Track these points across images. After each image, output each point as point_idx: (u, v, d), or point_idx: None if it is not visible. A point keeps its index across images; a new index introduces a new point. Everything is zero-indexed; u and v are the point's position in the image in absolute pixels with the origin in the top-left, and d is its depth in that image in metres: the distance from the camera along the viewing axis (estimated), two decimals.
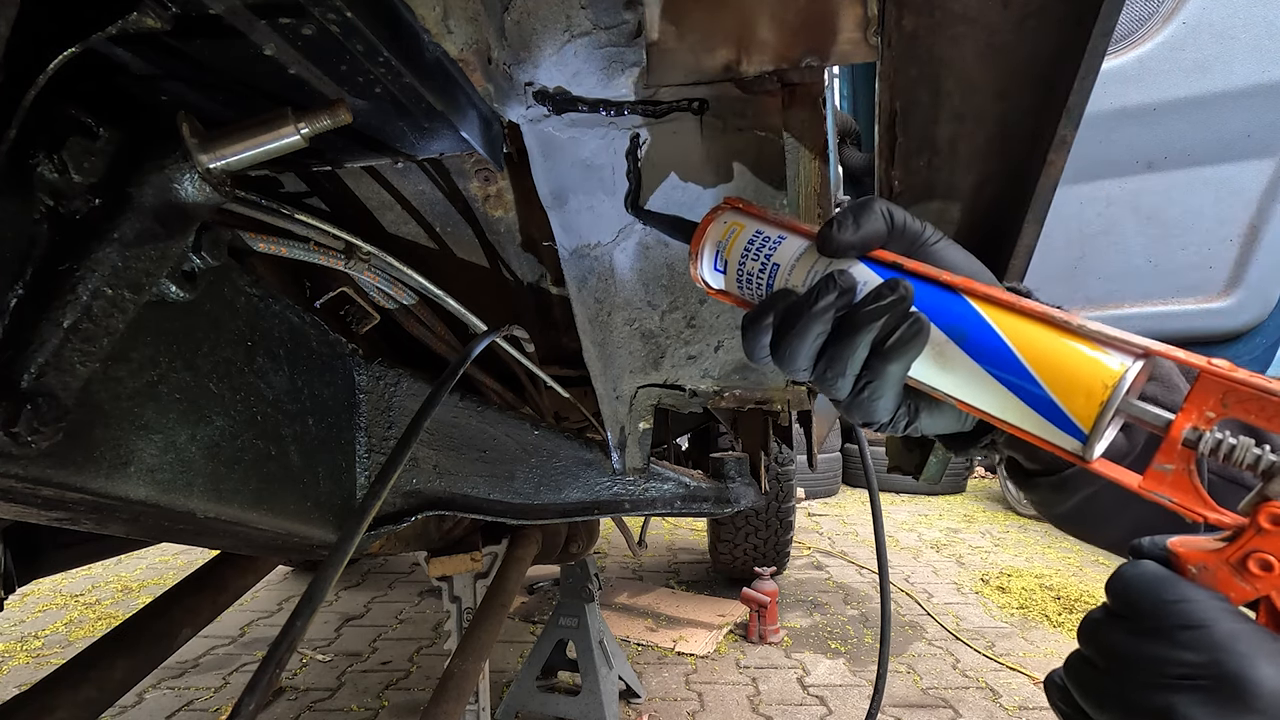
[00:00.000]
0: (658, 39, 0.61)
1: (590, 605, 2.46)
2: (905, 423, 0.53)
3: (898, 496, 6.64)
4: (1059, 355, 0.44)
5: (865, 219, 0.50)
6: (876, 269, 0.50)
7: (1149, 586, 0.39)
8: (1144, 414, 0.41)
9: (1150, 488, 0.40)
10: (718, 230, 0.58)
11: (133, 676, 0.93)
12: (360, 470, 1.06)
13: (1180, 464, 0.39)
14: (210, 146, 0.55)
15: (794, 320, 0.49)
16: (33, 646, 3.29)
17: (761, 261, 0.55)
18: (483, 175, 0.90)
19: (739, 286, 0.57)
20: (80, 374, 0.53)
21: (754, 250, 0.56)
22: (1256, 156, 1.73)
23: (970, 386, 0.47)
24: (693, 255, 0.59)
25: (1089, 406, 0.42)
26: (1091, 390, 0.42)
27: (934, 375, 0.48)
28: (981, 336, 0.46)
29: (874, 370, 0.48)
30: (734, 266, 0.57)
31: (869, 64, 0.60)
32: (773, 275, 0.55)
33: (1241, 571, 0.37)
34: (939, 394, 0.49)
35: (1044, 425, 0.44)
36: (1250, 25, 1.66)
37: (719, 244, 0.58)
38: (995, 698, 2.76)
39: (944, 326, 0.47)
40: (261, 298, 0.84)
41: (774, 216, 0.57)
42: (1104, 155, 1.78)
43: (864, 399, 0.50)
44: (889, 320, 0.47)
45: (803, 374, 0.51)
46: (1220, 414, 0.38)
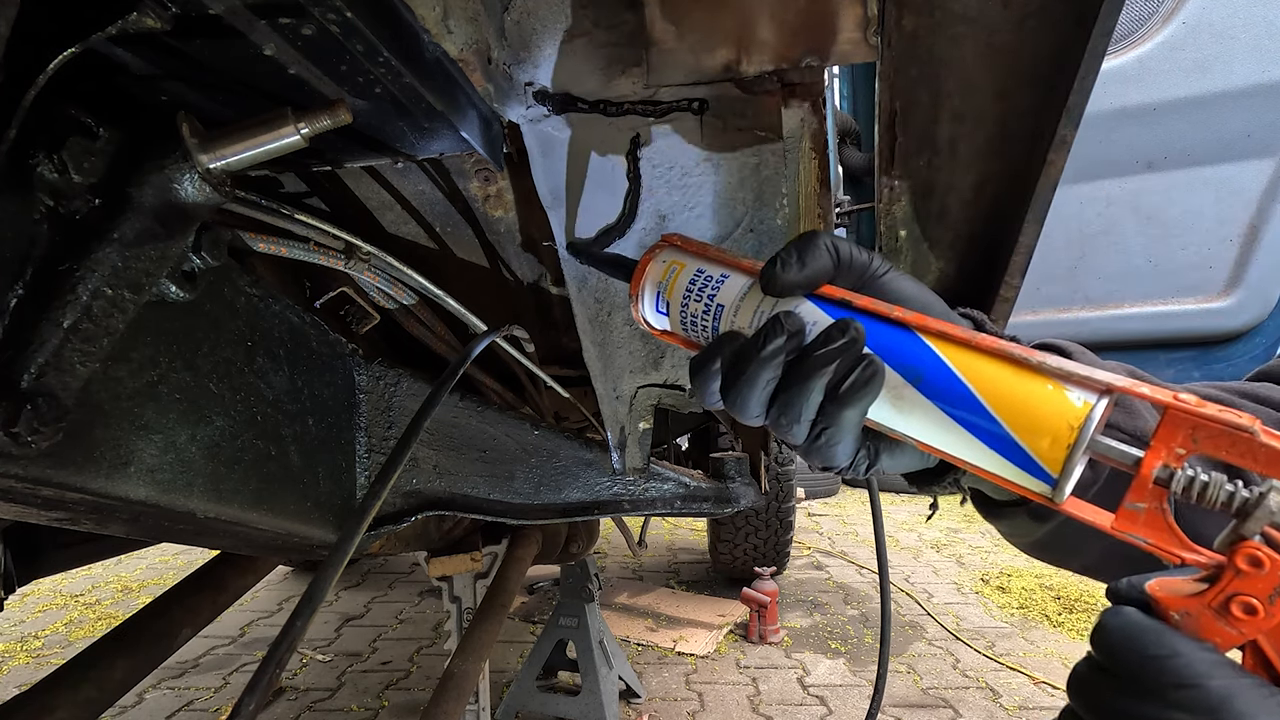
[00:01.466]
0: (658, 39, 0.61)
1: (590, 605, 2.46)
2: (866, 465, 0.52)
3: (898, 496, 6.64)
4: (1020, 395, 0.42)
5: (809, 255, 0.48)
6: (825, 307, 0.48)
7: (1134, 640, 0.37)
8: (1112, 452, 0.40)
9: (1124, 529, 0.39)
10: (657, 270, 0.55)
11: (133, 676, 0.93)
12: (360, 470, 1.06)
13: (1153, 502, 0.38)
14: (210, 146, 0.55)
15: (743, 366, 0.47)
16: (33, 646, 3.29)
17: (705, 303, 0.53)
18: (483, 175, 0.90)
19: (684, 328, 0.55)
20: (80, 374, 0.53)
21: (696, 290, 0.53)
22: (1256, 156, 1.73)
23: (930, 428, 0.45)
24: (632, 297, 0.57)
25: (1055, 450, 0.40)
26: (1057, 433, 0.40)
27: (892, 417, 0.47)
28: (938, 377, 0.44)
29: (829, 417, 0.46)
30: (676, 308, 0.54)
31: (869, 64, 0.60)
32: (717, 317, 0.52)
33: (1224, 616, 0.36)
34: (898, 435, 0.47)
35: (1010, 468, 0.43)
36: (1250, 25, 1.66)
37: (659, 284, 0.55)
38: (995, 698, 2.76)
39: (899, 368, 0.45)
40: (261, 298, 0.84)
41: (715, 253, 0.55)
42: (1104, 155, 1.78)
43: (821, 445, 0.48)
44: (841, 364, 0.45)
45: (756, 420, 0.49)
46: (1190, 449, 0.37)
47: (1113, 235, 1.84)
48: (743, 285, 0.52)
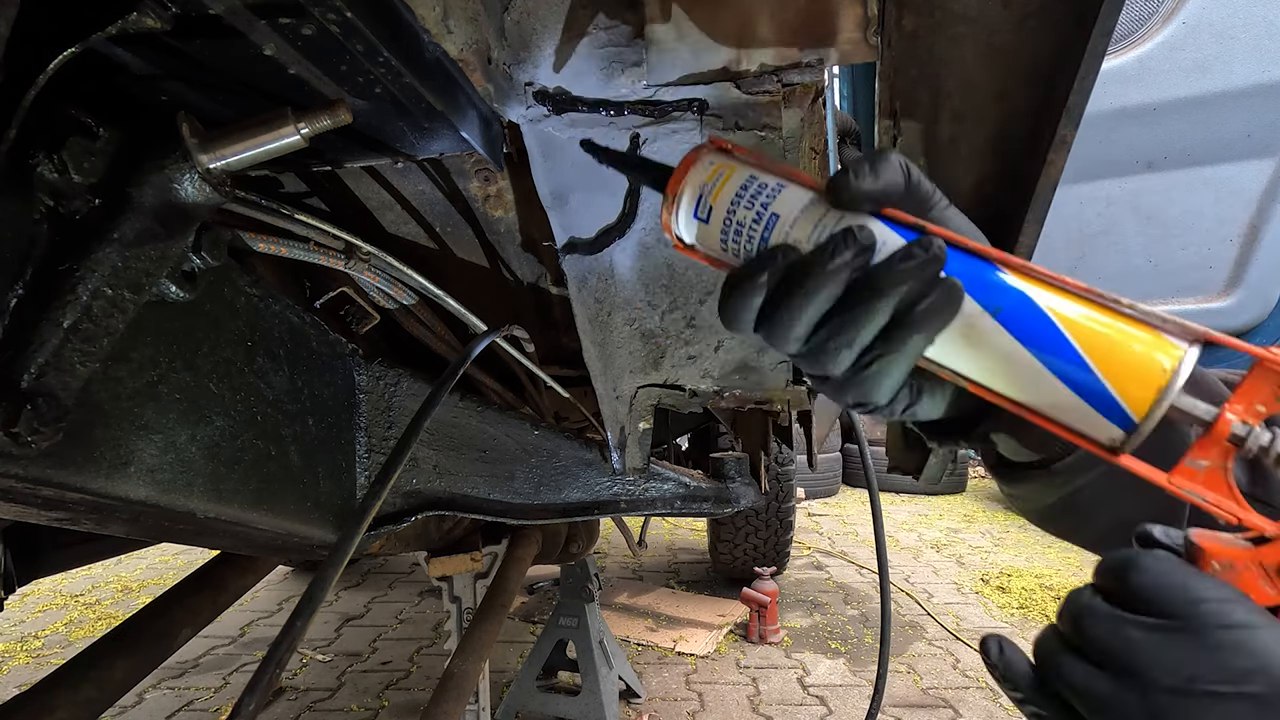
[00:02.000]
0: (658, 39, 0.61)
1: (590, 605, 2.46)
2: (905, 405, 0.48)
3: (898, 496, 6.64)
4: (1110, 336, 0.39)
5: (884, 169, 0.44)
6: (896, 228, 0.44)
7: (1176, 579, 0.35)
8: (1190, 406, 0.38)
9: (1181, 484, 0.37)
10: (702, 172, 0.50)
11: (133, 676, 0.93)
12: (360, 470, 1.06)
13: (1218, 460, 0.37)
14: (210, 146, 0.55)
15: (801, 279, 0.42)
16: (33, 646, 3.29)
17: (757, 210, 0.47)
18: (483, 175, 0.90)
19: (723, 239, 0.49)
20: (80, 374, 0.53)
21: (748, 197, 0.48)
22: (1256, 156, 1.73)
23: (998, 367, 0.42)
24: (669, 199, 0.51)
25: (1144, 392, 0.38)
26: (1148, 376, 0.38)
27: (954, 353, 0.43)
28: (1021, 310, 0.41)
29: (891, 342, 0.42)
30: (720, 215, 0.49)
31: (869, 64, 0.60)
32: (770, 227, 0.47)
33: (1275, 576, 0.35)
34: (949, 374, 0.44)
35: (1082, 412, 0.40)
36: (1250, 25, 1.66)
37: (703, 187, 0.49)
38: (995, 698, 2.76)
39: (977, 296, 0.42)
40: (261, 298, 0.84)
41: (770, 162, 0.50)
42: (1104, 155, 1.78)
43: (868, 375, 0.44)
44: (917, 284, 0.41)
45: (795, 344, 0.45)
46: (1272, 408, 0.36)
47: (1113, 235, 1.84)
48: (803, 197, 0.47)
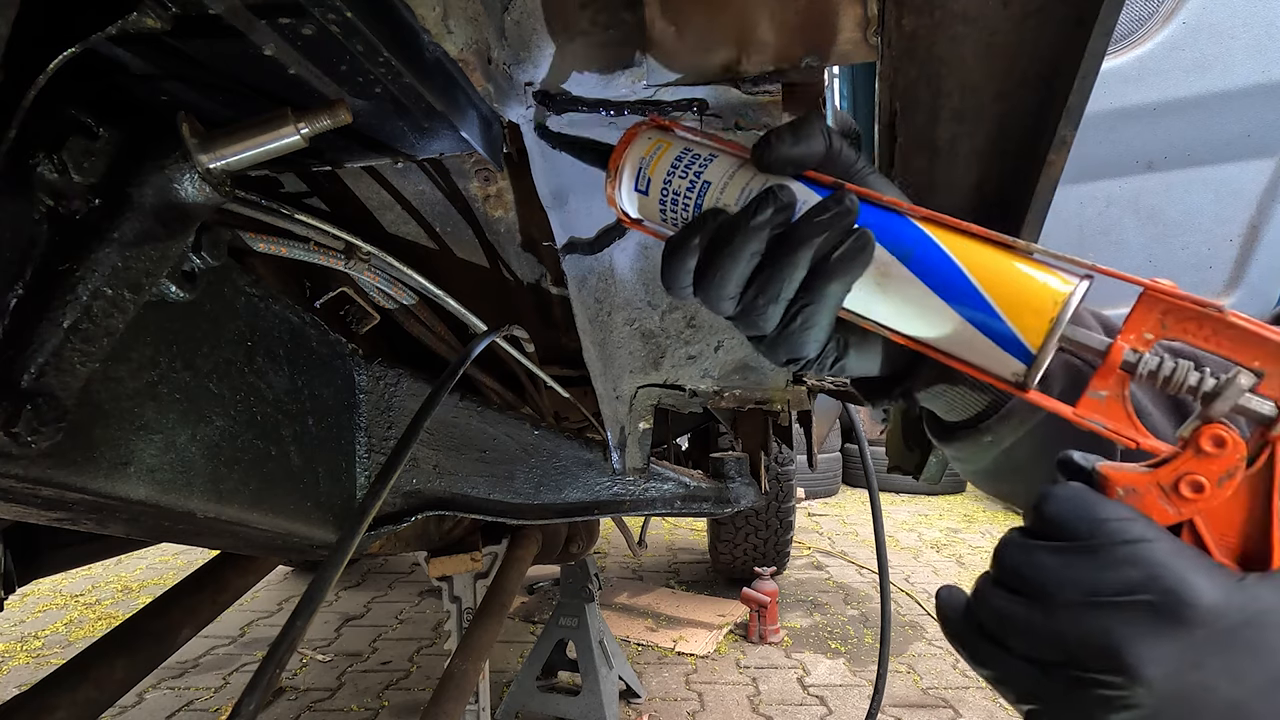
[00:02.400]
0: (658, 39, 0.61)
1: (590, 605, 2.46)
2: (834, 359, 0.50)
3: (898, 496, 6.64)
4: (1007, 274, 0.43)
5: (804, 133, 0.47)
6: (816, 188, 0.47)
7: (1081, 504, 0.37)
8: (1084, 338, 0.41)
9: (1085, 414, 0.40)
10: (641, 147, 0.53)
11: (133, 676, 0.94)
12: (360, 470, 1.06)
13: (1115, 389, 0.39)
14: (210, 146, 0.55)
15: (726, 239, 0.45)
16: (33, 646, 3.29)
17: (690, 179, 0.50)
18: (483, 175, 0.90)
19: (661, 210, 0.52)
20: (80, 374, 0.53)
21: (682, 167, 0.51)
22: (1256, 156, 1.73)
23: (910, 311, 0.45)
24: (611, 173, 0.54)
25: (1038, 323, 0.41)
26: (1041, 307, 0.41)
27: (871, 301, 0.46)
28: (928, 255, 0.44)
29: (812, 292, 0.45)
30: (658, 186, 0.52)
31: (869, 64, 0.60)
32: (702, 194, 0.50)
33: (1171, 494, 0.37)
34: (871, 324, 0.47)
35: (986, 348, 0.43)
36: (1250, 25, 1.66)
37: (642, 160, 0.53)
38: (995, 698, 2.76)
39: (888, 245, 0.45)
40: (261, 298, 0.84)
41: (704, 135, 0.53)
42: (1104, 155, 1.78)
43: (794, 329, 0.46)
44: (831, 235, 0.44)
45: (729, 304, 0.47)
46: (1159, 335, 0.38)
47: (1113, 235, 1.84)
48: (733, 164, 0.50)
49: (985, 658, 0.39)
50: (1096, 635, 0.34)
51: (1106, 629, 0.34)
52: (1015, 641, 0.37)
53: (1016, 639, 0.37)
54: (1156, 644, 0.33)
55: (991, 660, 0.39)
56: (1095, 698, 0.35)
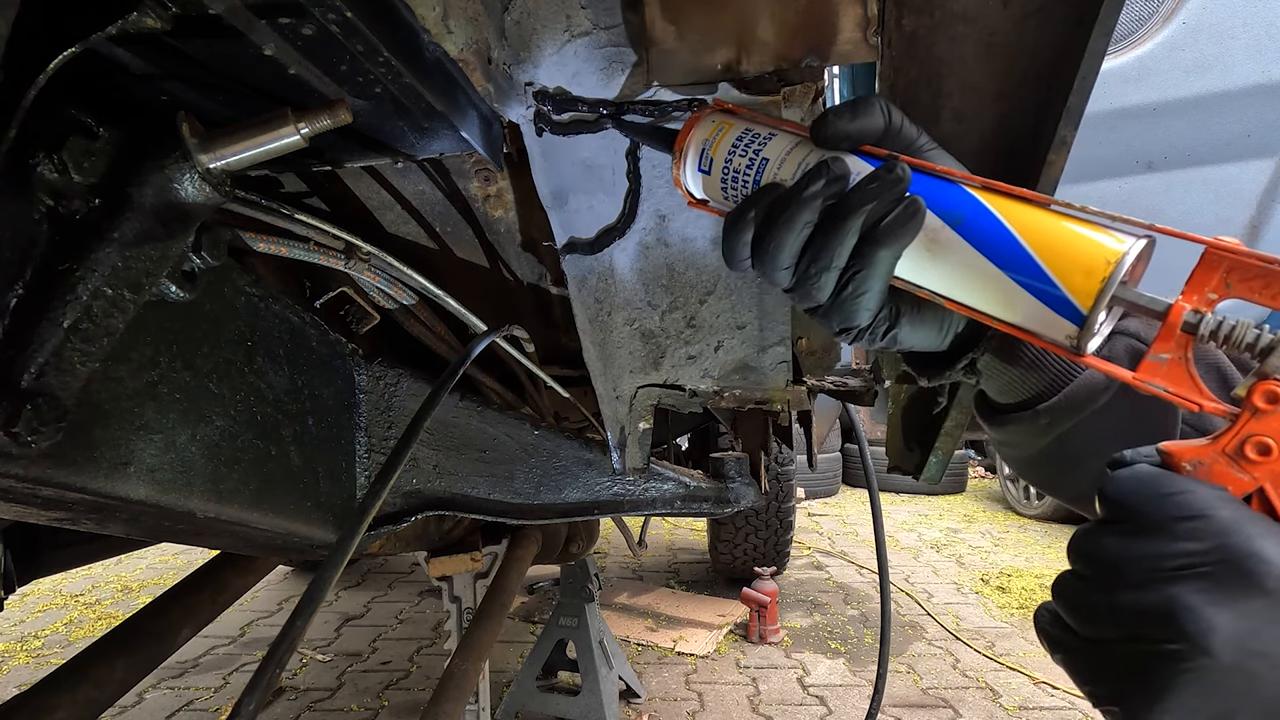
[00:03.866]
0: (658, 39, 0.61)
1: (590, 605, 2.46)
2: (885, 328, 0.50)
3: (898, 496, 6.64)
4: (1059, 235, 0.42)
5: (862, 109, 0.48)
6: (871, 162, 0.48)
7: (1143, 484, 0.37)
8: (1141, 299, 0.39)
9: (1145, 378, 0.39)
10: (704, 129, 0.56)
11: (133, 676, 0.93)
12: (360, 470, 1.06)
13: (1177, 351, 0.38)
14: (210, 146, 0.55)
15: (782, 209, 0.46)
16: (33, 646, 3.29)
17: (750, 157, 0.52)
18: (483, 175, 0.90)
19: (723, 188, 0.54)
20: (80, 374, 0.53)
21: (742, 146, 0.53)
22: (1256, 156, 1.73)
23: (961, 276, 0.45)
24: (677, 155, 0.57)
25: (1089, 283, 0.40)
26: (1093, 266, 0.40)
27: (923, 268, 0.46)
28: (979, 219, 0.44)
29: (863, 258, 0.45)
30: (719, 165, 0.54)
31: (869, 64, 0.60)
32: (761, 170, 0.51)
33: (1239, 460, 0.36)
34: (925, 292, 0.47)
35: (1037, 311, 0.42)
36: (1250, 25, 1.66)
37: (704, 142, 0.55)
38: (995, 698, 2.76)
39: (939, 212, 0.45)
40: (261, 298, 0.84)
41: (764, 116, 0.55)
42: (1104, 155, 1.78)
43: (847, 296, 0.47)
44: (882, 202, 0.44)
45: (784, 274, 0.48)
46: (1222, 294, 0.37)
47: None
48: (791, 141, 0.51)
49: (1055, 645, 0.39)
50: (1158, 605, 0.34)
51: (1168, 598, 0.33)
52: (1080, 625, 0.37)
53: (1081, 622, 0.37)
54: (1219, 611, 0.32)
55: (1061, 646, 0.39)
56: (1157, 668, 0.34)
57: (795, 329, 0.88)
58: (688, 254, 0.80)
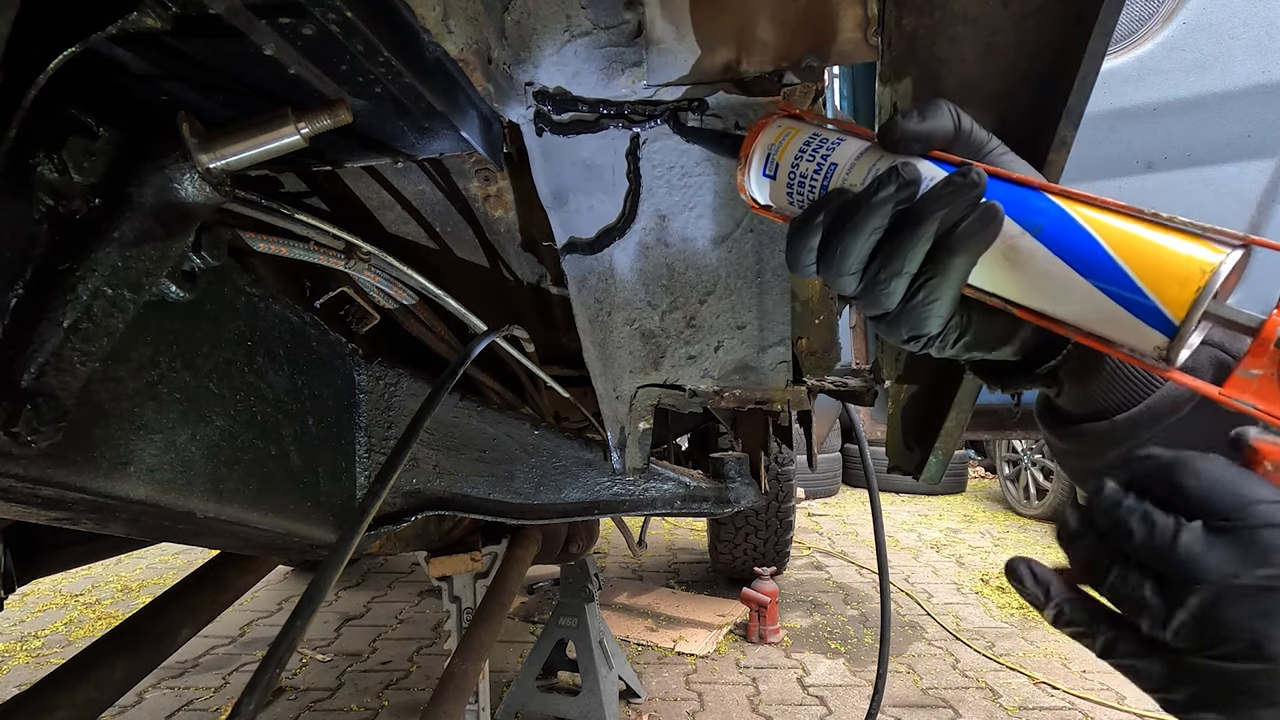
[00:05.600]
0: (658, 39, 0.61)
1: (590, 605, 2.46)
2: (956, 336, 0.48)
3: (898, 496, 6.64)
4: (1149, 244, 0.40)
5: (931, 112, 0.47)
6: (943, 167, 0.47)
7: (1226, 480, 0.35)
8: (1234, 314, 0.38)
9: (1232, 394, 0.37)
10: (771, 134, 0.55)
11: (133, 676, 0.93)
12: (360, 470, 1.06)
13: (1269, 368, 0.37)
14: (210, 146, 0.55)
15: (850, 214, 0.45)
16: (33, 646, 3.29)
17: (817, 162, 0.51)
18: (483, 175, 0.90)
19: (789, 193, 0.53)
20: (80, 374, 0.53)
21: (810, 151, 0.52)
22: (1256, 156, 1.73)
23: (1041, 285, 0.43)
24: (742, 160, 0.56)
25: (1183, 293, 0.38)
26: (1187, 276, 0.38)
27: (998, 276, 0.44)
28: (1062, 226, 0.42)
29: (936, 265, 0.43)
30: (785, 169, 0.53)
31: (869, 64, 0.60)
32: (829, 176, 0.50)
33: None
34: (998, 300, 0.45)
35: (1126, 322, 0.40)
36: (1250, 25, 1.66)
37: (771, 147, 0.54)
38: (995, 698, 2.76)
39: (1018, 218, 0.43)
40: (261, 298, 0.84)
41: (833, 121, 0.54)
42: (1104, 155, 1.78)
43: (918, 303, 0.45)
44: (957, 208, 0.43)
45: (850, 280, 0.47)
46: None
47: None
48: (860, 147, 0.50)
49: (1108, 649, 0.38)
50: (1238, 624, 0.32)
51: (1249, 617, 0.32)
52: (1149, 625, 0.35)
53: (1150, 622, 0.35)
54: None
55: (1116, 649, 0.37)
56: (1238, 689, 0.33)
57: (795, 329, 0.88)
58: (688, 254, 0.80)
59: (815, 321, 0.87)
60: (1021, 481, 5.92)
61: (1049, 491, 5.54)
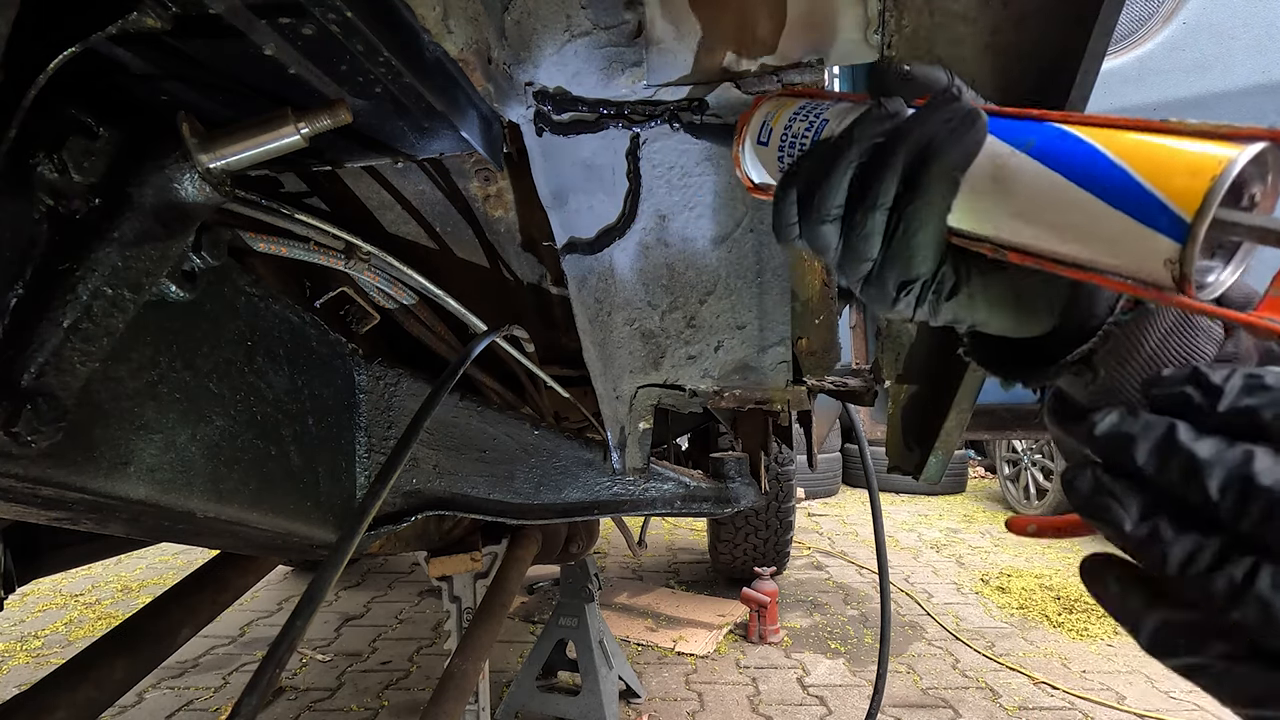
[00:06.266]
0: (658, 39, 0.61)
1: (590, 605, 2.46)
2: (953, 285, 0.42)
3: (898, 496, 6.64)
4: (1156, 145, 0.35)
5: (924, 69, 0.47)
6: None
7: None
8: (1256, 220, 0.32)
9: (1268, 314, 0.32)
10: (767, 106, 0.56)
11: (133, 676, 0.93)
12: (360, 470, 1.06)
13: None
14: (210, 146, 0.55)
15: (830, 157, 0.42)
16: (33, 646, 3.29)
17: (809, 120, 0.50)
18: (483, 175, 0.90)
19: (779, 158, 0.53)
20: (80, 374, 0.53)
21: (803, 113, 0.52)
22: None
23: (1033, 210, 0.38)
24: (739, 131, 0.57)
25: (1195, 182, 0.32)
26: (1199, 166, 0.32)
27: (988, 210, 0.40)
28: (1054, 139, 0.38)
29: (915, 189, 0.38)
30: (778, 134, 0.53)
31: (869, 64, 0.60)
32: (819, 132, 0.49)
33: None
34: (988, 247, 0.40)
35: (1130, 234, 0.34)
36: (1250, 25, 1.66)
37: (767, 115, 0.55)
38: (995, 698, 2.76)
39: (1007, 138, 0.39)
40: (261, 298, 0.84)
41: (831, 93, 0.55)
42: None
43: (899, 237, 0.40)
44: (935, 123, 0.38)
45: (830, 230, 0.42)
46: None
47: None
48: (854, 106, 0.48)
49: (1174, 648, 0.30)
50: None
51: None
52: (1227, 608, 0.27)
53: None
54: None
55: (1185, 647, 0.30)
56: None
57: (795, 329, 0.88)
58: (688, 254, 0.80)
59: (815, 321, 0.87)
60: (1021, 481, 5.92)
61: (1049, 491, 5.54)
